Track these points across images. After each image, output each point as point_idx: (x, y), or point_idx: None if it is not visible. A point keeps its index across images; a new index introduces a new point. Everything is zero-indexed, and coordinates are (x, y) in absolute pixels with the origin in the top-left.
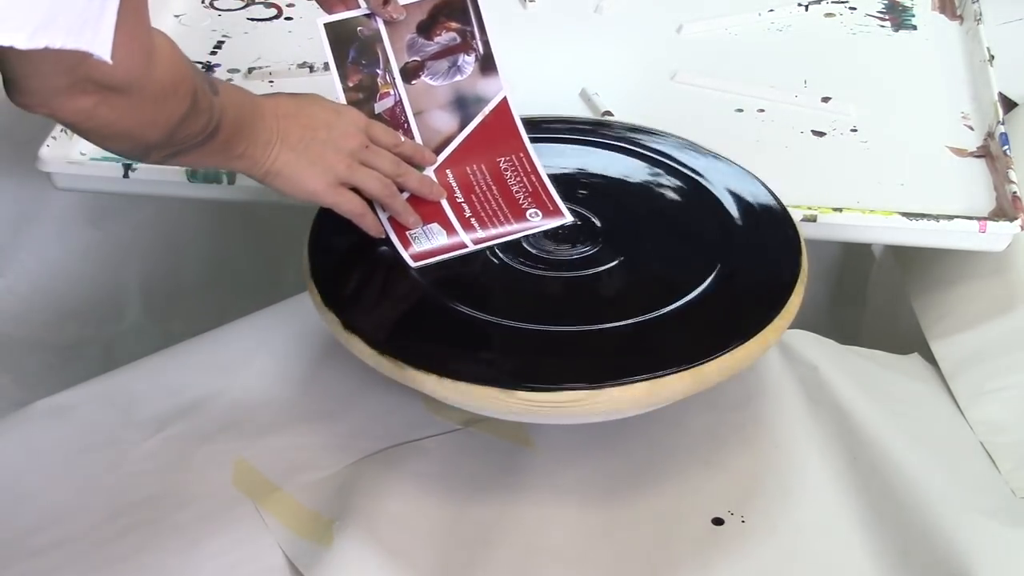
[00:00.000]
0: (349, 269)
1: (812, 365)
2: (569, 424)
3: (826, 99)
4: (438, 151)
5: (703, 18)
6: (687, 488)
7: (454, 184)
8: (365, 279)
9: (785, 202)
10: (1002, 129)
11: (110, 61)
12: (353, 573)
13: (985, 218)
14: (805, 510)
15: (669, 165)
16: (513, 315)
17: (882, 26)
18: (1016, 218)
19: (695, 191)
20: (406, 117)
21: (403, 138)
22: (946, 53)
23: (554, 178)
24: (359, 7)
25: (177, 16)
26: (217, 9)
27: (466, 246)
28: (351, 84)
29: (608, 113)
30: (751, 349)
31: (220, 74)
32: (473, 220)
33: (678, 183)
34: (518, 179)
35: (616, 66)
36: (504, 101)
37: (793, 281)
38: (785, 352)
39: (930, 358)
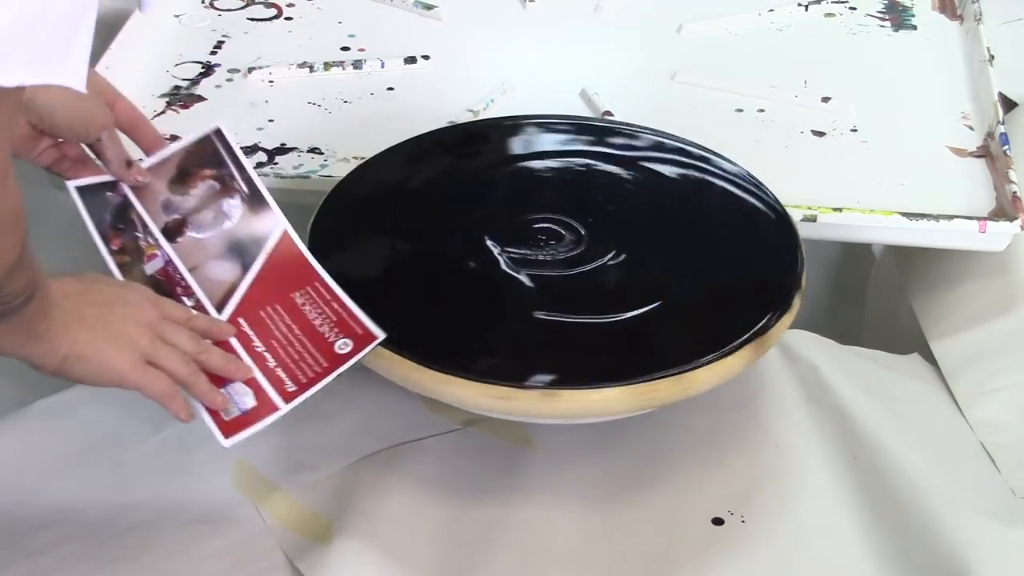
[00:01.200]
0: (348, 268)
1: (812, 365)
2: (567, 424)
3: (826, 99)
4: (224, 301)
5: (703, 18)
6: (687, 488)
7: (250, 332)
8: (364, 277)
9: (785, 202)
10: (1002, 129)
11: (84, 91)
12: (353, 573)
13: (985, 218)
14: (805, 510)
15: (667, 165)
16: (511, 312)
17: (882, 26)
18: (1016, 218)
19: (694, 191)
20: (181, 275)
21: (194, 311)
22: (946, 53)
23: (550, 177)
24: (103, 172)
25: (177, 16)
26: (217, 9)
27: (278, 408)
28: (115, 247)
29: (608, 113)
30: (751, 350)
31: (220, 74)
32: (279, 370)
33: (677, 183)
34: (318, 310)
35: (616, 66)
36: (285, 234)
37: (793, 281)
38: (785, 352)
39: (930, 358)
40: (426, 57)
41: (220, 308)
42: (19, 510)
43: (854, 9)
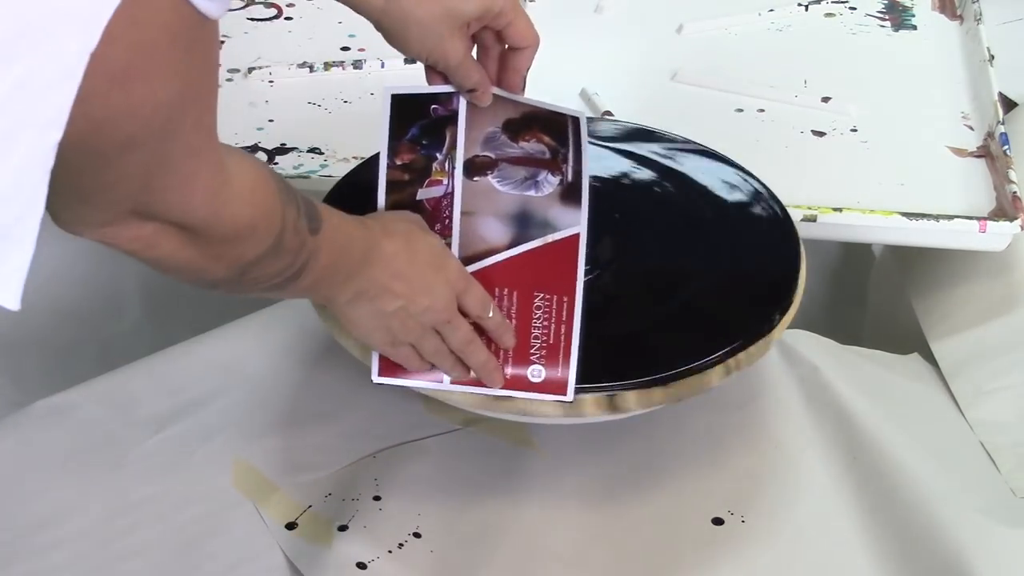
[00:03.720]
0: None
1: (812, 365)
2: (568, 424)
3: (826, 99)
4: (472, 259)
5: (703, 18)
6: (687, 488)
7: None
8: None
9: (785, 202)
10: (1002, 129)
11: (15, 308)
12: (353, 573)
13: (985, 218)
14: (805, 510)
15: (667, 165)
16: None
17: (882, 26)
18: (1016, 218)
19: (693, 191)
20: (450, 213)
21: (492, 311)
22: (946, 53)
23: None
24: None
25: None
26: None
27: (440, 381)
28: (399, 162)
29: (608, 113)
30: (751, 350)
31: (220, 74)
32: None
33: (676, 183)
34: (545, 324)
35: (616, 66)
36: (576, 237)
37: (793, 282)
38: (785, 352)
39: (930, 358)
40: None
41: (465, 264)
42: (19, 510)
43: (854, 9)
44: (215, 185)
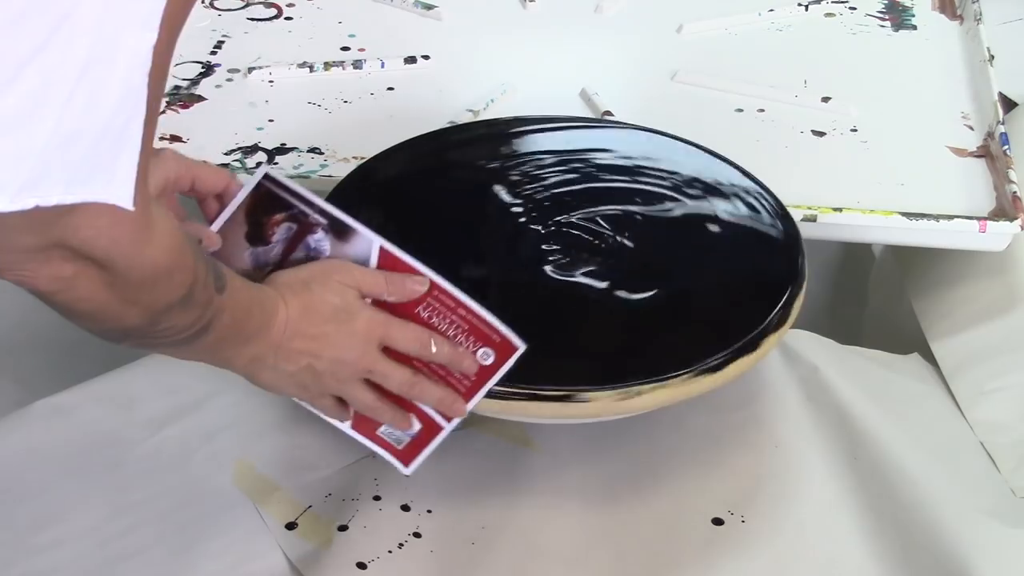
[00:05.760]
0: None
1: (812, 365)
2: (568, 424)
3: (826, 99)
4: None
5: (703, 18)
6: (687, 488)
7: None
8: None
9: (785, 202)
10: (1002, 129)
11: (132, 208)
12: (353, 573)
13: (985, 218)
14: (805, 510)
15: (667, 165)
16: (507, 316)
17: (882, 26)
18: (1016, 218)
19: (694, 191)
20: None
21: (435, 346)
22: (946, 53)
23: (550, 177)
24: None
25: None
26: (217, 9)
27: (443, 428)
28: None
29: (608, 113)
30: (753, 351)
31: (220, 74)
32: None
33: (676, 183)
34: (447, 319)
35: (616, 66)
36: (383, 250)
37: (794, 282)
38: (785, 352)
39: (930, 358)
40: (426, 57)
41: None
42: (19, 510)
43: (854, 9)
44: (142, 225)
